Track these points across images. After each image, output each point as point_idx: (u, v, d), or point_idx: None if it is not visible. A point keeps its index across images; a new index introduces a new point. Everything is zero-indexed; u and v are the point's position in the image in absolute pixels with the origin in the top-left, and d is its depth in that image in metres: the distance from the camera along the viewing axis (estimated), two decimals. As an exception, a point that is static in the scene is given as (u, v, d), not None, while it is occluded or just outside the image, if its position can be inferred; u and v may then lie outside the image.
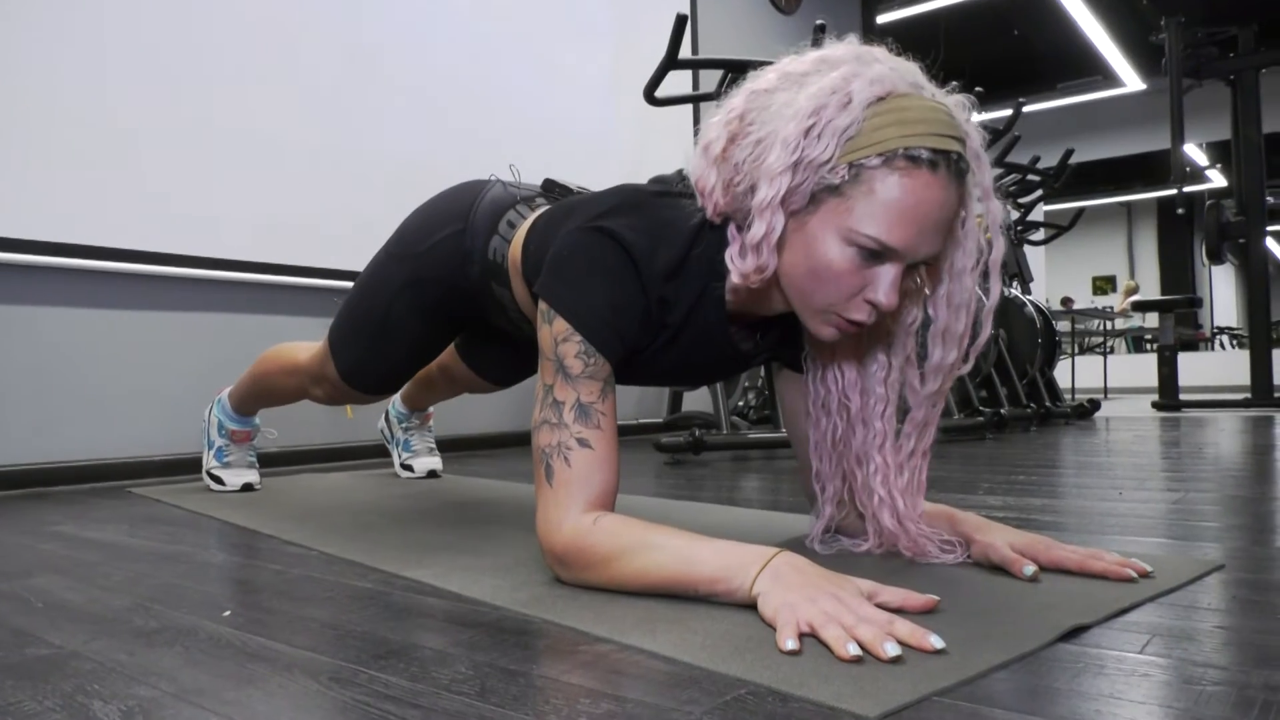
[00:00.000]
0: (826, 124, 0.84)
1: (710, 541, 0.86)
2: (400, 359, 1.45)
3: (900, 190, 0.84)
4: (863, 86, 0.84)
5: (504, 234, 1.21)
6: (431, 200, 1.37)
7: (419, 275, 1.32)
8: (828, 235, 0.87)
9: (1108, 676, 0.63)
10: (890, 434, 1.04)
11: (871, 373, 1.04)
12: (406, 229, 1.37)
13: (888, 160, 0.83)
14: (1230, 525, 1.26)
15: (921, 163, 0.83)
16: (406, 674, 0.67)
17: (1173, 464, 2.13)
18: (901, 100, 0.85)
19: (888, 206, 0.84)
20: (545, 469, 0.93)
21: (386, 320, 1.38)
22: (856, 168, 0.84)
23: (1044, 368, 4.05)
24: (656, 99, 2.60)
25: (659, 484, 1.97)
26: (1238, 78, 5.15)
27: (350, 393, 1.51)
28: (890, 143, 0.83)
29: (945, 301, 0.97)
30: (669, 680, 0.64)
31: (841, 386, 1.06)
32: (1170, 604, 0.83)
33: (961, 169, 0.87)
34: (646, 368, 1.06)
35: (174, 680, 0.67)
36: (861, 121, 0.84)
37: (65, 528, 1.45)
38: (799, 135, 0.84)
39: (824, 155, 0.84)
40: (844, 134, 0.84)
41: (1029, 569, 0.91)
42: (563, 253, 0.96)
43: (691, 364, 1.08)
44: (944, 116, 0.86)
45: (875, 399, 1.04)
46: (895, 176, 0.84)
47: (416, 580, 0.99)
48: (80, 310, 2.15)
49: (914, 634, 0.69)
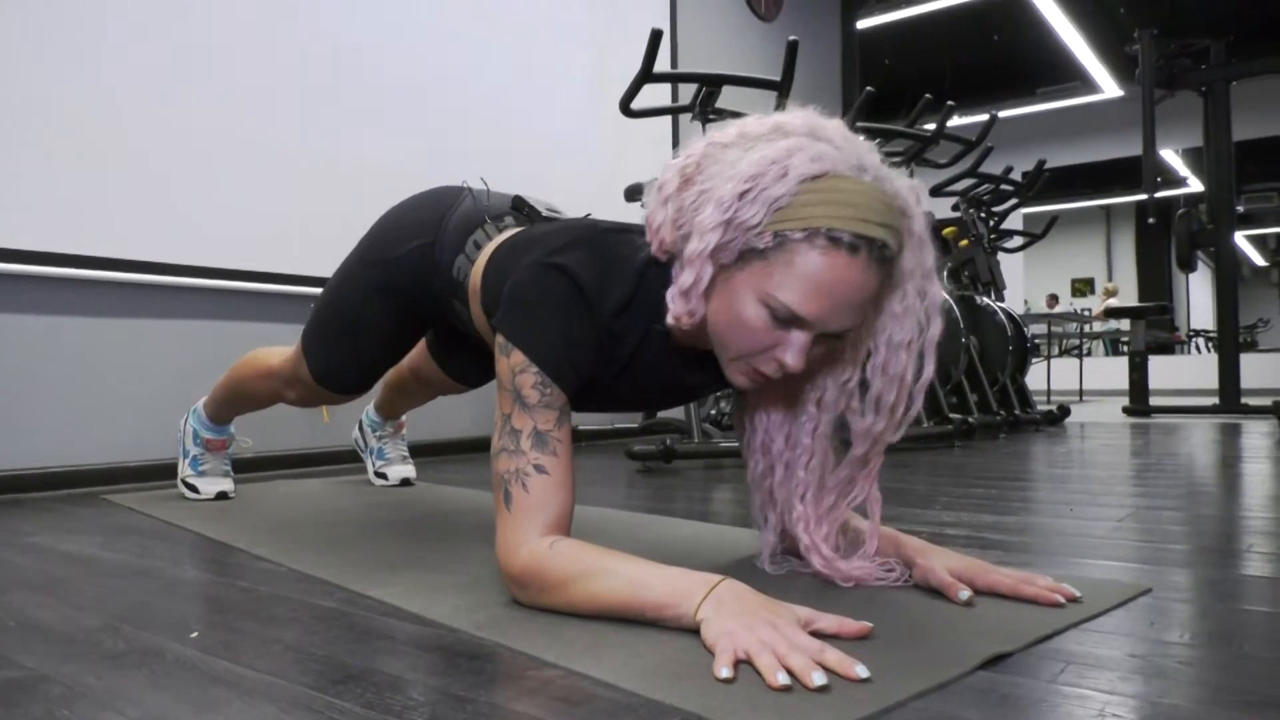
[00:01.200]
0: (760, 191, 0.89)
1: (660, 568, 0.90)
2: (372, 358, 1.50)
3: (817, 267, 0.88)
4: (802, 162, 0.89)
5: (469, 254, 1.26)
6: (404, 206, 1.42)
7: (388, 281, 1.37)
8: (748, 293, 0.92)
9: (1016, 705, 0.68)
10: (813, 485, 1.09)
11: (801, 423, 1.08)
12: (377, 234, 1.41)
13: (810, 237, 0.88)
14: (1168, 547, 1.31)
15: (842, 245, 0.88)
16: (362, 700, 0.71)
17: (1129, 477, 2.19)
18: (837, 181, 0.89)
19: (803, 280, 0.89)
20: (504, 494, 0.97)
21: (358, 322, 1.43)
22: (781, 237, 0.89)
23: (1015, 374, 4.12)
24: (633, 110, 2.63)
25: (630, 493, 2.01)
26: (1210, 89, 5.24)
27: (323, 393, 1.56)
28: (815, 221, 0.88)
29: (880, 371, 1.02)
30: (608, 707, 0.68)
31: (766, 427, 1.11)
32: (1092, 630, 0.88)
33: (886, 255, 0.90)
34: (600, 396, 1.11)
35: (139, 705, 0.71)
36: (793, 195, 0.88)
37: (40, 539, 1.48)
38: (734, 197, 0.89)
39: (753, 220, 0.89)
40: (774, 203, 0.88)
41: (964, 594, 0.96)
42: (519, 287, 1.00)
43: (642, 394, 1.14)
44: (877, 203, 0.89)
45: (801, 449, 1.08)
46: (815, 254, 0.88)
47: (379, 600, 1.03)
48: (54, 318, 2.16)
49: (842, 663, 0.73)
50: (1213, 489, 1.96)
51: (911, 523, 1.51)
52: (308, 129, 2.63)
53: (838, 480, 1.09)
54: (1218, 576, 1.11)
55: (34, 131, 2.09)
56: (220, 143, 2.42)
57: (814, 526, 1.08)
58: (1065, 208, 10.77)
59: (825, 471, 1.09)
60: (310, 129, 2.63)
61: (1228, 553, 1.26)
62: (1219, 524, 1.50)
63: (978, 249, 4.09)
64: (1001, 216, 4.44)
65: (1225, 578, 1.11)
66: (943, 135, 3.40)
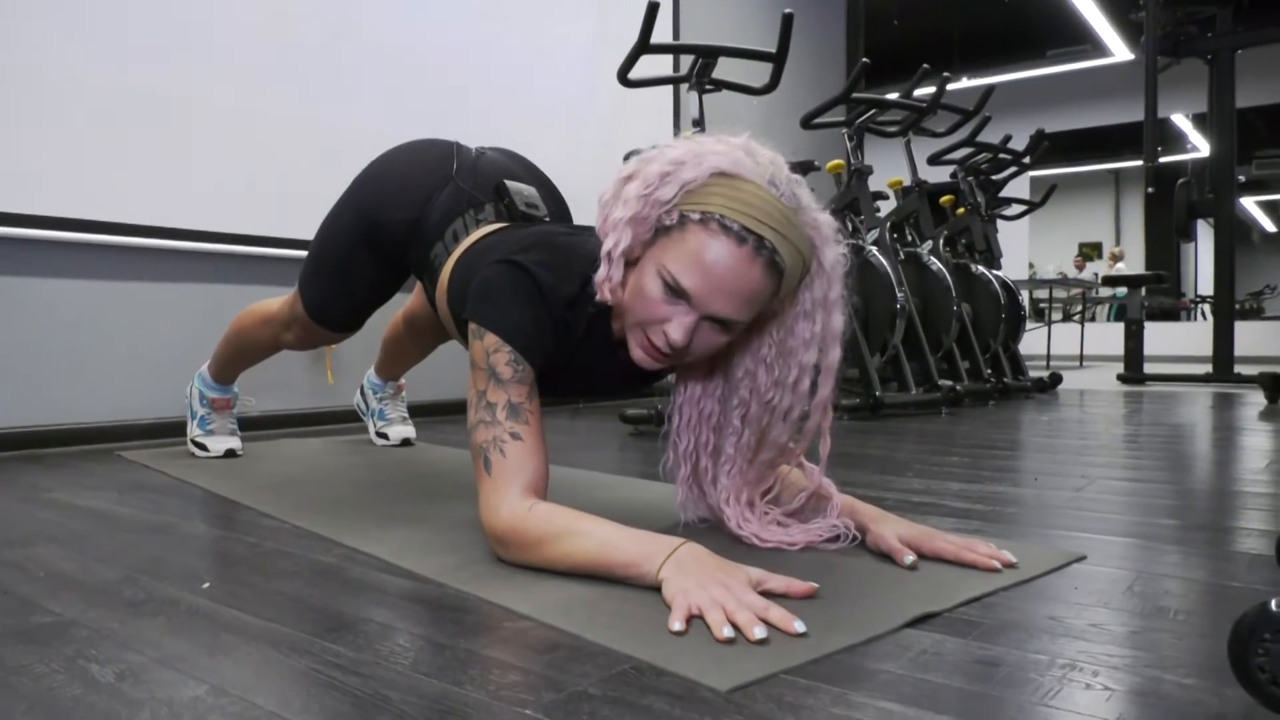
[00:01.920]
0: (677, 173, 1.01)
1: (628, 531, 0.99)
2: (362, 296, 1.63)
3: (703, 246, 0.99)
4: (719, 159, 1.00)
5: (448, 244, 1.38)
6: (398, 161, 1.52)
7: (373, 238, 1.50)
8: (650, 266, 1.03)
9: (930, 661, 0.76)
10: (739, 463, 1.19)
11: (731, 407, 1.18)
12: (371, 186, 1.52)
13: (705, 220, 0.99)
14: (1116, 517, 1.40)
15: (731, 233, 0.98)
16: (353, 645, 0.80)
17: (1103, 446, 2.27)
18: (744, 183, 1.00)
19: (691, 255, 1.00)
20: (484, 461, 1.06)
21: (349, 266, 1.56)
22: (684, 218, 1.01)
23: (1007, 341, 4.18)
24: (630, 80, 2.68)
25: (621, 456, 2.10)
26: (1215, 57, 5.22)
27: (319, 331, 1.68)
28: (712, 207, 0.99)
29: (790, 389, 1.13)
30: (572, 655, 0.77)
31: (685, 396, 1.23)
32: (1020, 594, 0.96)
33: (775, 260, 0.99)
34: (554, 382, 1.22)
35: (158, 647, 0.80)
36: (702, 183, 1.00)
37: (59, 494, 1.57)
38: (657, 177, 1.02)
39: (664, 196, 1.01)
40: (685, 185, 1.00)
41: (909, 558, 1.05)
42: (487, 281, 1.12)
43: (595, 379, 1.26)
44: (775, 211, 0.99)
45: (731, 430, 1.19)
46: (705, 235, 0.99)
47: (374, 556, 1.12)
48: (70, 281, 2.25)
49: (783, 619, 0.82)
50: (1184, 461, 2.04)
51: (882, 490, 1.59)
52: (314, 98, 2.68)
53: (759, 464, 1.20)
54: (1156, 546, 1.20)
55: (45, 102, 2.15)
56: (223, 111, 2.48)
57: (732, 498, 1.19)
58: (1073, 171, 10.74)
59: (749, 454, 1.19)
60: (316, 98, 2.69)
61: (1179, 526, 1.34)
62: (1178, 497, 1.58)
63: (974, 217, 4.14)
64: (1001, 184, 4.48)
65: (1165, 549, 1.19)
66: (939, 105, 3.43)
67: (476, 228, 1.36)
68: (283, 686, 0.71)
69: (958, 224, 4.20)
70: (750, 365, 1.15)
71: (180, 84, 2.38)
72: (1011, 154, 4.16)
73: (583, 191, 1.70)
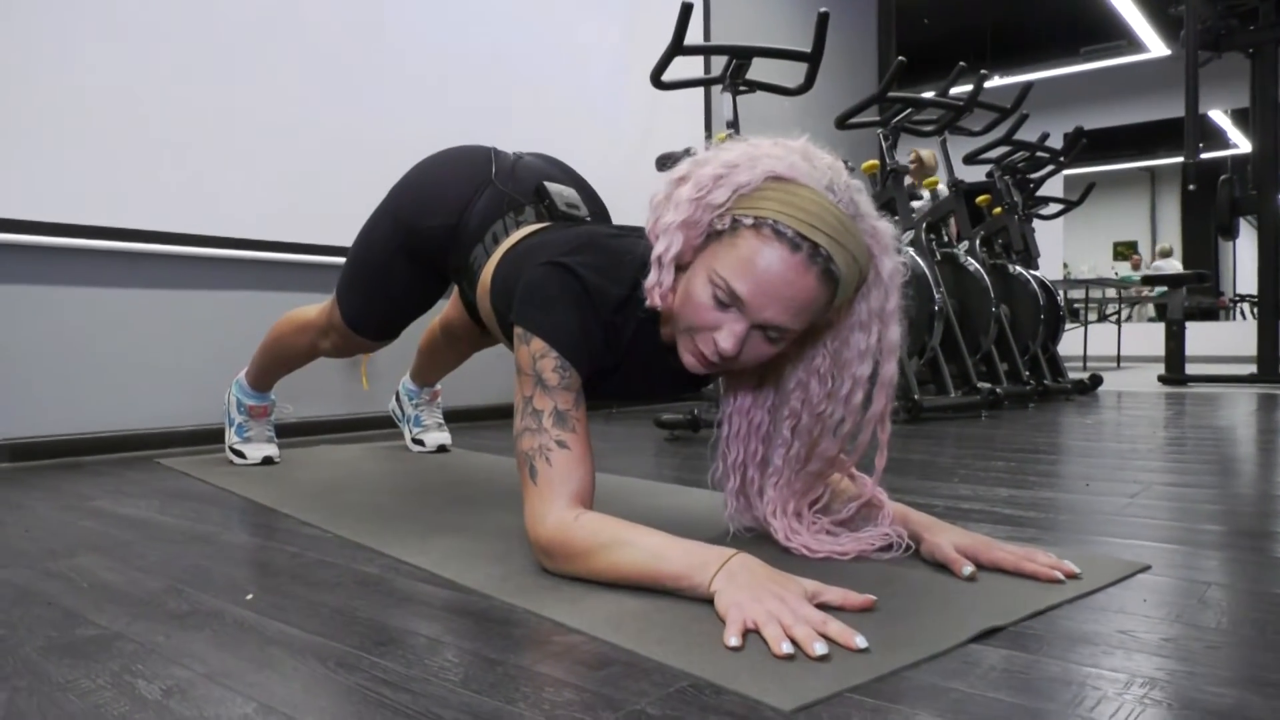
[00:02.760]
0: (731, 176, 0.97)
1: (678, 541, 0.96)
2: (399, 305, 1.61)
3: (755, 252, 0.95)
4: (773, 163, 0.96)
5: (488, 246, 1.36)
6: (436, 170, 1.50)
7: (411, 246, 1.49)
8: (702, 271, 1.00)
9: (1000, 677, 0.73)
10: (786, 474, 1.16)
11: (781, 418, 1.15)
12: (408, 196, 1.50)
13: (758, 225, 0.95)
14: (1176, 525, 1.35)
15: (784, 239, 0.94)
16: (402, 660, 0.78)
17: (1151, 451, 2.21)
18: (799, 188, 0.96)
19: (743, 261, 0.96)
20: (530, 470, 1.04)
21: (387, 275, 1.54)
22: (736, 222, 0.97)
23: (1046, 343, 4.11)
24: (664, 83, 2.66)
25: (657, 462, 2.08)
26: (1257, 50, 5.11)
27: (355, 339, 1.67)
28: (766, 212, 0.95)
29: (843, 400, 1.10)
30: (626, 672, 0.75)
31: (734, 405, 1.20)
32: (1086, 606, 0.93)
33: (830, 268, 0.95)
34: (601, 387, 1.20)
35: (205, 662, 0.78)
36: (756, 186, 0.96)
37: (101, 503, 1.58)
38: (710, 179, 0.98)
39: (717, 199, 0.97)
40: (739, 189, 0.97)
41: (967, 569, 1.01)
42: (534, 285, 1.09)
43: (644, 383, 1.23)
44: (830, 217, 0.95)
45: (780, 441, 1.16)
46: (758, 241, 0.95)
47: (417, 566, 1.10)
48: (110, 290, 2.26)
49: (843, 634, 0.79)
50: (1234, 465, 1.98)
51: (930, 496, 1.56)
52: (349, 106, 2.69)
53: (808, 474, 1.17)
54: (1223, 556, 1.15)
55: (81, 113, 2.17)
56: (256, 120, 2.49)
57: (779, 509, 1.17)
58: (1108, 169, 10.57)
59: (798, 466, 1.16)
60: (351, 106, 2.69)
61: (1240, 532, 1.29)
62: (1235, 502, 1.53)
63: (1011, 217, 4.07)
64: (1038, 183, 4.40)
65: (1230, 557, 1.15)
66: (976, 103, 3.37)
67: (517, 229, 1.34)
68: (332, 704, 0.69)
69: (994, 224, 4.13)
70: (803, 376, 1.11)
71: (217, 90, 2.40)
72: (1049, 152, 4.09)
73: (614, 194, 1.68)
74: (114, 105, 2.21)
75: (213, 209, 2.41)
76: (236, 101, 2.44)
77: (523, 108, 3.16)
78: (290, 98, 2.56)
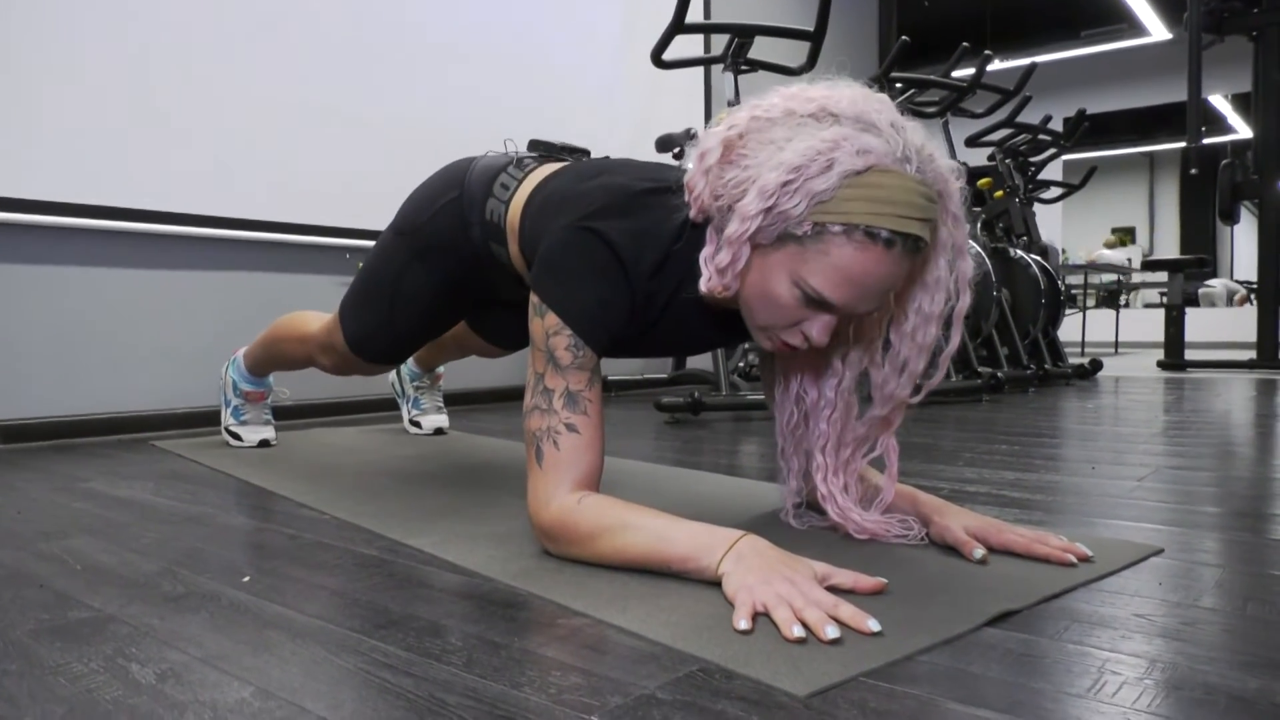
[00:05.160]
0: (803, 183, 0.88)
1: (684, 523, 0.94)
2: (407, 330, 1.51)
3: (851, 260, 0.90)
4: (846, 156, 0.88)
5: (499, 195, 1.29)
6: (427, 180, 1.45)
7: (425, 245, 1.40)
8: (782, 273, 0.94)
9: (1018, 661, 0.71)
10: (832, 437, 1.13)
11: (826, 378, 1.12)
12: (407, 207, 1.45)
13: (848, 231, 0.89)
14: (1186, 508, 1.33)
15: (879, 240, 0.89)
16: (403, 644, 0.76)
17: (1155, 434, 2.20)
18: (880, 177, 0.88)
19: (837, 270, 0.90)
20: (536, 451, 1.01)
21: (396, 292, 1.46)
22: (820, 228, 0.90)
23: (1047, 328, 4.09)
24: (664, 61, 2.62)
25: (658, 445, 2.06)
26: (1261, 33, 5.07)
27: (355, 361, 1.59)
28: (855, 217, 0.88)
29: (909, 338, 1.04)
30: (633, 655, 0.73)
31: (801, 380, 1.15)
32: (1100, 589, 0.91)
33: (919, 246, 0.92)
34: (629, 347, 1.16)
35: (200, 645, 0.76)
36: (836, 189, 0.88)
37: (96, 484, 1.55)
38: (777, 186, 0.89)
39: (794, 210, 0.89)
40: (816, 196, 0.89)
41: (978, 552, 0.99)
42: (554, 250, 1.03)
43: (671, 344, 1.18)
44: (917, 198, 0.89)
45: (825, 403, 1.12)
46: (851, 248, 0.89)
47: (417, 549, 1.08)
48: (105, 269, 2.23)
49: (855, 617, 0.77)
50: (1237, 448, 1.97)
51: (934, 479, 1.54)
52: (346, 85, 2.65)
53: (855, 435, 1.13)
54: (1233, 538, 1.13)
55: (84, 90, 2.13)
56: (262, 99, 2.46)
57: (831, 476, 1.13)
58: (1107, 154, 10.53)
59: (846, 425, 1.13)
60: (348, 84, 2.66)
61: (1247, 514, 1.28)
62: (1242, 485, 1.51)
63: (1012, 200, 4.05)
64: (1039, 167, 4.37)
65: (1240, 540, 1.13)
66: (979, 85, 3.34)
67: (530, 174, 1.27)
68: (332, 689, 0.67)
69: (995, 207, 4.10)
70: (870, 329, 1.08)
71: (220, 69, 2.36)
72: (1052, 135, 4.06)
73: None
74: (111, 83, 2.18)
75: (211, 189, 2.37)
76: (239, 81, 2.40)
77: (524, 90, 3.12)
78: (295, 77, 2.53)
